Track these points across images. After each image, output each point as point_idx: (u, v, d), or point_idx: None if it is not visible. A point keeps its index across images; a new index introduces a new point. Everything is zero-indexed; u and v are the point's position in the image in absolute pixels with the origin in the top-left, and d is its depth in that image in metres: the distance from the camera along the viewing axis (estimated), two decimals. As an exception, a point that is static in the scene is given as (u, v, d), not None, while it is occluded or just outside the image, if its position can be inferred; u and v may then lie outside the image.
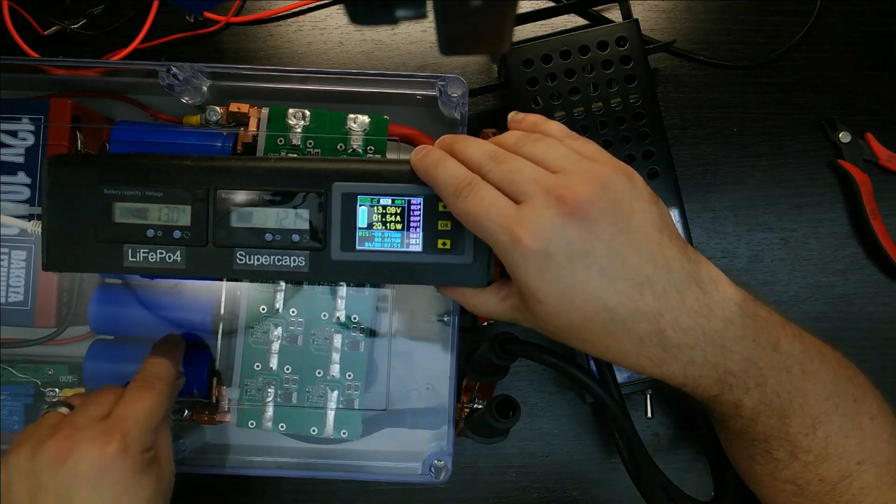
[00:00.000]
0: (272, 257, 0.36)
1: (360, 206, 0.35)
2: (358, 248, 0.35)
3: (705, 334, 0.30)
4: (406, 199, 0.35)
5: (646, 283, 0.29)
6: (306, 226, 0.35)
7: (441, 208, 0.35)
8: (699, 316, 0.30)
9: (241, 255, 0.36)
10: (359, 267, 0.36)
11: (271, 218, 0.36)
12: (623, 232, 0.29)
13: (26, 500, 0.32)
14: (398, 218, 0.35)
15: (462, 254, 0.35)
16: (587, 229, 0.29)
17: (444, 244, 0.35)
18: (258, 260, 0.36)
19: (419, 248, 0.35)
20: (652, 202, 0.31)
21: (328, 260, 0.36)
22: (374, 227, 0.35)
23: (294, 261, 0.36)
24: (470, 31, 0.24)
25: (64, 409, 0.36)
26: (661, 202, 0.32)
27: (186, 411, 0.40)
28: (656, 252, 0.30)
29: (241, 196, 0.35)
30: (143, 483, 0.33)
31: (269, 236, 0.36)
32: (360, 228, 0.35)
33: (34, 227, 0.40)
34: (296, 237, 0.36)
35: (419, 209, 0.35)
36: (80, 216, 0.35)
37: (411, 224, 0.35)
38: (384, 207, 0.35)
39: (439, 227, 0.35)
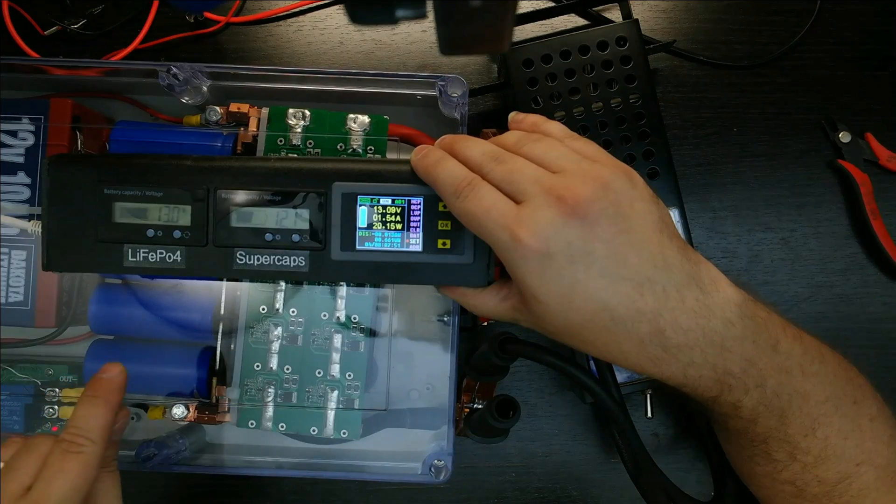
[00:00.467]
0: (272, 257, 0.36)
1: (360, 205, 0.35)
2: (358, 247, 0.35)
3: (705, 335, 0.30)
4: (406, 198, 0.35)
5: (646, 283, 0.29)
6: (306, 226, 0.35)
7: (441, 208, 0.35)
8: (699, 317, 0.30)
9: (241, 255, 0.36)
10: (359, 267, 0.36)
11: (271, 218, 0.36)
12: (623, 232, 0.29)
13: None
14: (398, 218, 0.35)
15: (462, 254, 0.35)
16: (587, 229, 0.29)
17: (444, 244, 0.35)
18: (258, 260, 0.36)
19: (419, 248, 0.35)
20: (652, 202, 0.31)
21: (328, 260, 0.36)
22: (374, 227, 0.35)
23: (294, 261, 0.36)
24: (470, 31, 0.24)
25: None
26: (661, 202, 0.32)
27: (186, 411, 0.40)
28: (656, 252, 0.30)
29: (241, 196, 0.35)
30: None
31: (269, 236, 0.36)
32: (360, 228, 0.35)
33: (34, 228, 0.40)
34: (296, 237, 0.36)
35: (419, 209, 0.35)
36: (80, 216, 0.35)
37: (411, 224, 0.35)
38: (384, 207, 0.35)
39: (439, 227, 0.35)
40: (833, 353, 0.34)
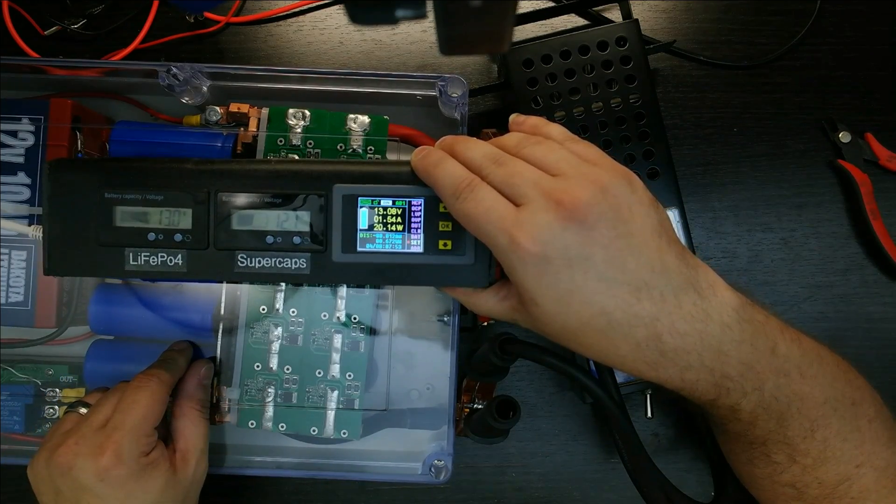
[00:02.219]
0: (273, 260, 0.36)
1: (361, 207, 0.35)
2: (359, 249, 0.35)
3: (702, 339, 0.30)
4: (407, 200, 0.35)
5: (643, 287, 0.29)
6: (307, 228, 0.35)
7: (442, 209, 0.35)
8: (696, 321, 0.30)
9: (242, 257, 0.36)
10: (360, 268, 0.36)
11: (272, 220, 0.36)
12: (621, 237, 0.29)
13: (51, 501, 0.34)
14: (399, 219, 0.35)
15: (463, 255, 0.35)
16: (585, 234, 0.29)
17: (445, 245, 0.35)
18: (259, 262, 0.36)
19: (420, 250, 0.35)
20: (651, 207, 0.31)
21: (329, 262, 0.36)
22: (374, 229, 0.35)
23: (295, 263, 0.36)
24: (470, 31, 0.24)
25: (82, 410, 0.37)
26: (660, 206, 0.32)
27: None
28: (654, 257, 0.30)
29: (241, 199, 0.35)
30: (145, 487, 0.34)
31: (270, 239, 0.36)
32: (360, 230, 0.35)
33: (34, 233, 0.40)
34: (297, 239, 0.36)
35: (420, 210, 0.35)
36: (81, 220, 0.35)
37: (412, 225, 0.35)
38: (385, 209, 0.35)
39: (440, 228, 0.35)
40: (832, 354, 0.34)
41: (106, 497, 0.33)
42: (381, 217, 0.35)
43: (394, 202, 0.35)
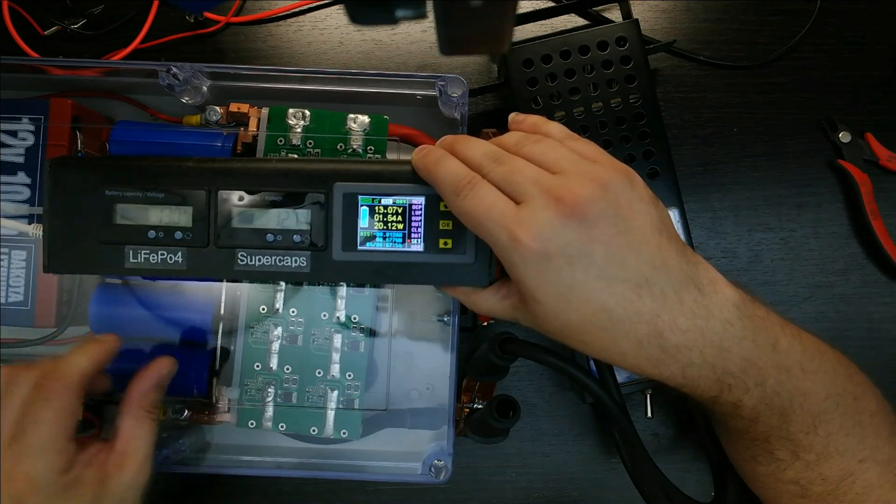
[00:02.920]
0: (273, 258, 0.36)
1: (362, 206, 0.35)
2: (359, 248, 0.35)
3: (703, 336, 0.30)
4: (407, 199, 0.35)
5: (644, 284, 0.29)
6: (307, 226, 0.36)
7: (442, 208, 0.35)
8: (697, 317, 0.30)
9: (242, 255, 0.36)
10: (360, 267, 0.36)
11: (272, 219, 0.36)
12: (622, 233, 0.29)
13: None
14: (399, 218, 0.35)
15: (464, 253, 0.35)
16: (586, 231, 0.29)
17: (445, 244, 0.35)
18: (259, 261, 0.36)
19: (420, 248, 0.35)
20: (651, 203, 0.31)
21: (329, 260, 0.36)
22: (375, 228, 0.35)
23: (295, 261, 0.36)
24: (470, 31, 0.24)
25: None
26: (660, 203, 0.32)
27: (186, 411, 0.40)
28: (655, 254, 0.30)
29: (242, 197, 0.35)
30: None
31: (270, 237, 0.36)
32: (361, 228, 0.35)
33: (35, 231, 0.40)
34: (297, 238, 0.36)
35: (420, 209, 0.35)
36: (82, 218, 0.35)
37: (413, 224, 0.35)
38: (385, 207, 0.35)
39: (441, 227, 0.35)
40: (832, 349, 0.34)
41: None
42: (381, 216, 0.35)
43: (394, 201, 0.35)
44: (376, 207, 0.35)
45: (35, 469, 0.31)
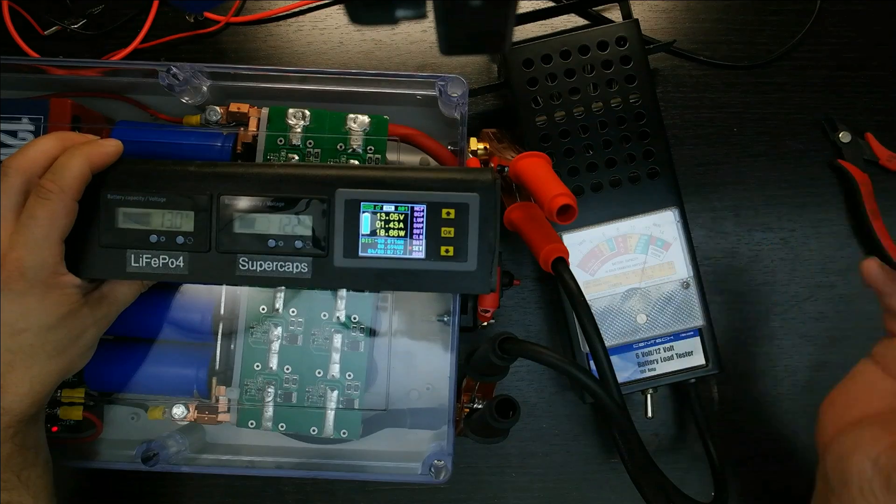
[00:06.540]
0: (275, 263, 0.36)
1: (364, 212, 0.35)
2: (361, 254, 0.35)
3: None
4: (409, 205, 0.35)
5: None
6: (309, 232, 0.36)
7: (444, 215, 0.35)
8: None
9: (243, 261, 0.36)
10: (361, 274, 0.36)
11: (274, 224, 0.36)
12: None
13: None
14: (401, 225, 0.35)
15: (465, 261, 0.35)
16: None
17: (447, 251, 0.35)
18: (261, 266, 0.36)
19: (422, 255, 0.35)
20: None
21: (331, 266, 0.36)
22: (376, 234, 0.35)
23: (297, 267, 0.36)
24: (470, 31, 0.24)
25: None
26: None
27: (186, 411, 0.40)
28: None
29: (244, 202, 0.35)
30: (46, 308, 0.33)
31: (272, 242, 0.36)
32: (363, 235, 0.35)
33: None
34: (299, 243, 0.36)
35: (422, 216, 0.35)
36: (83, 222, 0.35)
37: (414, 231, 0.35)
38: (387, 214, 0.35)
39: (442, 234, 0.35)
40: None
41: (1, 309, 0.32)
42: (383, 222, 0.35)
43: (396, 208, 0.35)
44: (378, 214, 0.35)
45: (26, 259, 0.32)
